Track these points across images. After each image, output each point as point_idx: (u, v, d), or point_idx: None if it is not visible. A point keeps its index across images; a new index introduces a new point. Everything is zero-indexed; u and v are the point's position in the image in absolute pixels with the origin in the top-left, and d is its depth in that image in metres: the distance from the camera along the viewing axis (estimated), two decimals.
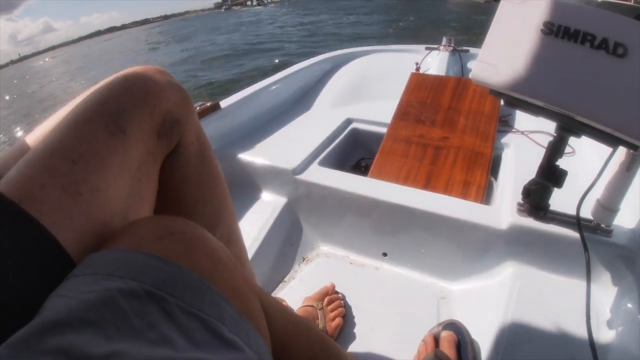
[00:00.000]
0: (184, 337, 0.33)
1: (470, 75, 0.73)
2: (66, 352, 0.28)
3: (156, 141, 0.48)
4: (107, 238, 0.40)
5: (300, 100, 1.72)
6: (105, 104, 0.43)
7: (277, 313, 0.44)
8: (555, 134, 0.78)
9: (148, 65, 0.51)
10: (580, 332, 0.75)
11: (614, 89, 0.62)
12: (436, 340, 0.77)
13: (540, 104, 0.68)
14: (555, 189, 0.84)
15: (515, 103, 0.75)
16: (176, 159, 0.54)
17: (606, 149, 0.72)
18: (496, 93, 0.74)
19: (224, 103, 1.36)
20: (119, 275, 0.34)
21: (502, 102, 1.30)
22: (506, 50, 0.70)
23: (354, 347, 0.84)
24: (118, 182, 0.43)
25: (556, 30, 0.67)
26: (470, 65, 1.83)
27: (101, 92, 0.45)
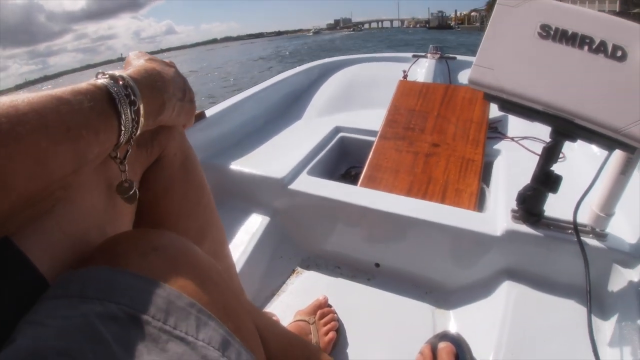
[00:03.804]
0: None
1: (468, 79, 0.72)
2: None
3: (135, 152, 0.45)
4: (84, 256, 0.36)
5: (288, 108, 1.69)
6: None
7: (272, 334, 0.41)
8: (550, 139, 0.77)
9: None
10: (578, 340, 0.73)
11: (613, 92, 0.61)
12: (433, 352, 0.74)
13: (539, 107, 0.66)
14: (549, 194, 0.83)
15: (511, 108, 0.73)
16: (158, 171, 0.51)
17: (597, 154, 0.71)
18: (492, 97, 0.73)
19: (209, 112, 1.32)
20: (96, 297, 0.30)
21: (490, 111, 1.32)
22: (503, 53, 0.69)
23: None
24: (94, 194, 0.40)
25: (553, 34, 0.66)
26: (458, 73, 1.84)
27: None
